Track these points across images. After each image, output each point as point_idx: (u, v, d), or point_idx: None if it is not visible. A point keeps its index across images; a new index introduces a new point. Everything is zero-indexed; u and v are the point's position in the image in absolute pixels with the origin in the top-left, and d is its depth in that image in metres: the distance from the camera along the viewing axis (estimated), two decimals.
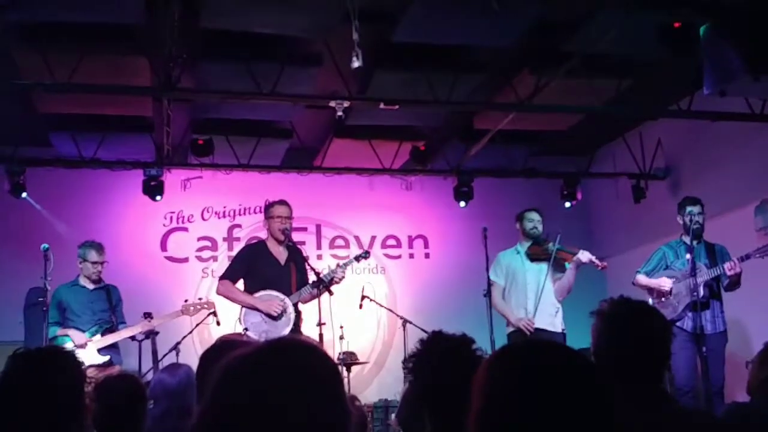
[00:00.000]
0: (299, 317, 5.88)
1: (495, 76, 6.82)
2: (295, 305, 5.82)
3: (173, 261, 8.89)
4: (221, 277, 6.04)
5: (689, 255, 5.67)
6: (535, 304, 6.09)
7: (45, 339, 5.85)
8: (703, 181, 7.71)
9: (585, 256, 5.97)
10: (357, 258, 6.27)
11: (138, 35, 5.90)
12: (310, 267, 5.87)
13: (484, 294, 6.21)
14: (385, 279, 9.32)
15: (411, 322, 6.83)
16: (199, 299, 6.70)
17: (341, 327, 6.86)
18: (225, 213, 9.09)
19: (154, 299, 7.27)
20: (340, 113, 6.39)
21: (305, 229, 9.01)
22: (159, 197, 8.03)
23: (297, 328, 5.81)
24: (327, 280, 5.72)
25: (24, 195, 7.74)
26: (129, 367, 5.90)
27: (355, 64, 4.75)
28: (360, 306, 7.17)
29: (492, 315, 6.14)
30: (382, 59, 6.35)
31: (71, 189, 8.40)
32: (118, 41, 5.95)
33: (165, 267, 8.81)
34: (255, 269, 5.93)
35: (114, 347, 6.13)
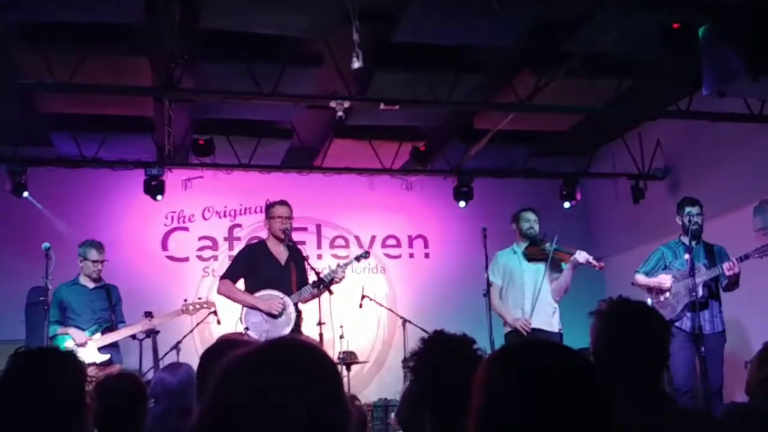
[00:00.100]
0: (300, 317, 5.89)
1: (495, 76, 6.82)
2: (296, 305, 5.83)
3: (174, 260, 8.90)
4: (222, 277, 6.05)
5: (688, 255, 5.67)
6: (532, 304, 6.08)
7: (46, 338, 5.87)
8: (702, 182, 7.71)
9: (582, 256, 5.94)
10: (357, 258, 6.28)
11: (138, 35, 5.91)
12: (310, 267, 5.88)
13: (483, 294, 6.21)
14: (385, 279, 9.33)
15: (411, 321, 6.84)
16: (199, 299, 6.71)
17: (341, 326, 6.88)
18: (226, 213, 9.10)
19: (154, 298, 7.28)
20: (340, 113, 6.39)
21: (305, 229, 9.02)
22: (160, 197, 8.05)
23: (297, 327, 5.82)
24: (327, 279, 5.74)
25: (25, 194, 7.76)
26: (130, 366, 5.92)
27: (356, 64, 4.73)
28: (360, 306, 7.19)
29: (491, 315, 6.13)
30: (382, 59, 6.35)
31: (72, 188, 8.42)
32: (118, 41, 5.96)
33: (166, 266, 8.83)
34: (255, 269, 5.93)
35: (114, 346, 6.14)
